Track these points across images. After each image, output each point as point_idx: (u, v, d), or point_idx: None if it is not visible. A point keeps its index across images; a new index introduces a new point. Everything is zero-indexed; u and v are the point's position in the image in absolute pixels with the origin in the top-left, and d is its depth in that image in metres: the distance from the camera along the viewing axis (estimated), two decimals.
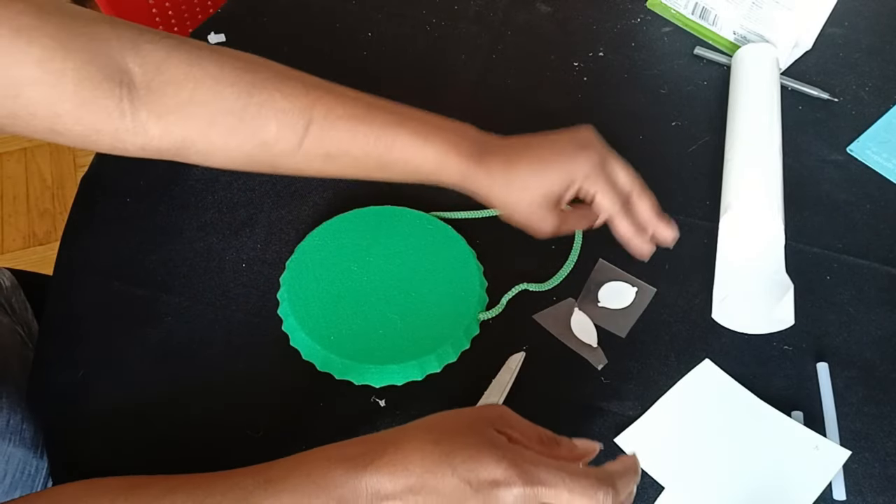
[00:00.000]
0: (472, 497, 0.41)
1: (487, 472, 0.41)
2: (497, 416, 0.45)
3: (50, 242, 1.69)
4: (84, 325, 0.63)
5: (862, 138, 0.75)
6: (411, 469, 0.41)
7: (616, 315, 0.64)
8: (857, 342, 0.63)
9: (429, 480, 0.41)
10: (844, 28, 0.84)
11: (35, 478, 0.63)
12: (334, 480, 0.42)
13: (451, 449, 0.42)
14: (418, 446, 0.42)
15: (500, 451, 0.41)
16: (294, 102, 0.52)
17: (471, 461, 0.41)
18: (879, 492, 0.56)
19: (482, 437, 0.42)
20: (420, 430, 0.44)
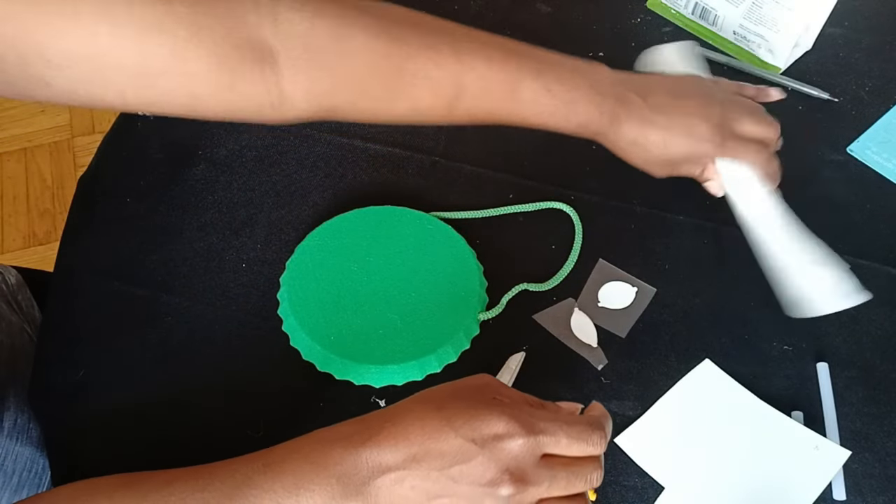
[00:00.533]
0: (478, 454, 0.41)
1: (490, 428, 0.41)
2: (484, 384, 0.45)
3: (50, 242, 1.69)
4: (84, 325, 0.63)
5: (862, 138, 0.75)
6: (412, 439, 0.41)
7: (616, 315, 0.64)
8: (857, 342, 0.63)
9: (431, 446, 0.41)
10: (844, 28, 0.84)
11: (42, 476, 0.63)
12: (333, 458, 0.42)
13: (450, 413, 0.42)
14: (417, 416, 0.42)
15: (498, 407, 0.42)
16: (446, 70, 0.53)
17: (472, 420, 0.42)
18: (879, 492, 0.56)
19: (478, 399, 0.43)
20: (415, 402, 0.44)
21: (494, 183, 0.71)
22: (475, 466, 0.41)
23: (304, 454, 0.43)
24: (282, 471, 0.42)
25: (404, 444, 0.41)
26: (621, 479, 0.57)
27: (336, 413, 0.59)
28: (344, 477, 0.41)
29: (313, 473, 0.42)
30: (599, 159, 0.73)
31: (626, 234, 0.68)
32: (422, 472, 0.41)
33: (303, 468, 0.42)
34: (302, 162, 0.72)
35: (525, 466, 0.41)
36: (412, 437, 0.42)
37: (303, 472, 0.42)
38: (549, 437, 0.42)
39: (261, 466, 0.43)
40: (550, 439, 0.42)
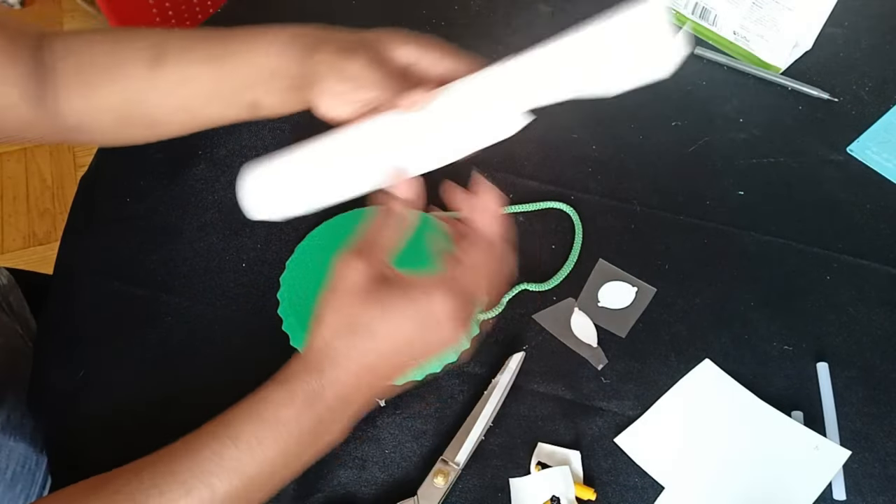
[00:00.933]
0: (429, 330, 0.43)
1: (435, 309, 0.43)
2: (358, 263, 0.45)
3: (50, 242, 1.69)
4: (84, 325, 0.63)
5: (862, 138, 0.75)
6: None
7: (616, 315, 0.64)
8: (857, 342, 0.63)
9: (380, 350, 0.43)
10: (844, 28, 0.84)
11: (35, 472, 0.63)
12: (296, 396, 0.43)
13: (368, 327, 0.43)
14: (343, 351, 0.43)
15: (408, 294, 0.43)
16: (148, 38, 0.55)
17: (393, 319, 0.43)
18: (879, 492, 0.56)
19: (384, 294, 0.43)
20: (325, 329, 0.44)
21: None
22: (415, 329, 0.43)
23: (265, 418, 0.43)
24: (255, 441, 0.43)
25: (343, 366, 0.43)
26: (621, 478, 0.57)
27: None
28: (309, 403, 0.43)
29: (289, 428, 0.43)
30: (599, 159, 0.74)
31: (626, 234, 0.68)
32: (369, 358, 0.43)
33: (276, 430, 0.43)
34: None
35: (461, 309, 0.43)
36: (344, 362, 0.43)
37: (277, 433, 0.43)
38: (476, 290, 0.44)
39: (229, 442, 0.43)
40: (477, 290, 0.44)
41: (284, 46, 0.54)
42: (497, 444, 0.58)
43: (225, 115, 0.56)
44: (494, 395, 0.58)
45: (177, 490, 0.42)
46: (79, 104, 0.55)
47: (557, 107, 0.78)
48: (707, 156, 0.74)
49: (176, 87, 0.55)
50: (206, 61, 0.55)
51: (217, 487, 0.42)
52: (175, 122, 0.57)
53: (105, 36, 0.56)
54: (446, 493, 0.55)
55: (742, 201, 0.71)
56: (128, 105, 0.55)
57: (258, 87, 0.55)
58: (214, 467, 0.42)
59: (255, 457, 0.43)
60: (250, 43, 0.55)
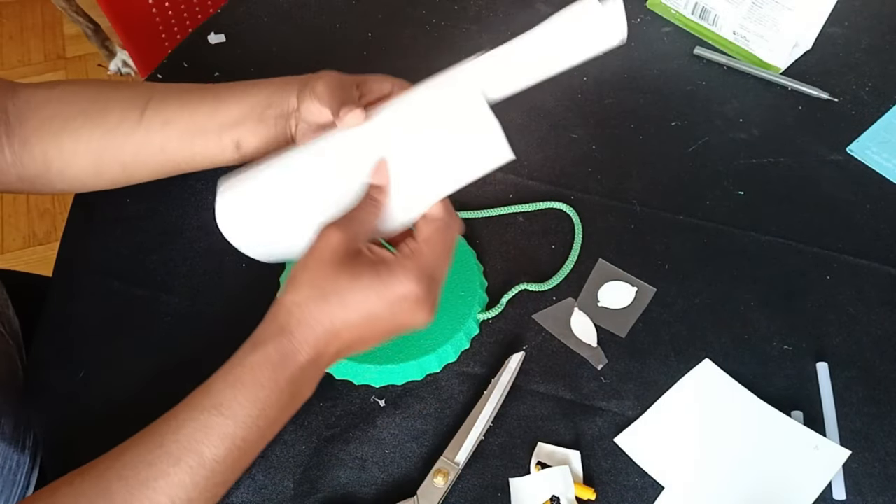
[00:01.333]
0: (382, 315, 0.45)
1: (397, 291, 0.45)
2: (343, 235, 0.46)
3: (50, 242, 1.69)
4: (84, 325, 0.63)
5: (862, 138, 0.75)
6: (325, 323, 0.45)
7: (616, 315, 0.64)
8: (857, 342, 0.63)
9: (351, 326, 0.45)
10: (844, 28, 0.84)
11: (17, 472, 0.63)
12: (271, 372, 0.45)
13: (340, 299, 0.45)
14: (315, 314, 0.45)
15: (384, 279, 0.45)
16: (136, 90, 0.58)
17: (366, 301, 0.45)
18: (879, 492, 0.56)
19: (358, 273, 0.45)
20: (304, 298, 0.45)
21: (494, 183, 0.71)
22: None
23: (244, 382, 0.45)
24: (237, 406, 0.44)
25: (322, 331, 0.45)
26: (621, 479, 0.57)
27: (336, 413, 0.59)
28: (283, 367, 0.45)
29: (268, 390, 0.45)
30: (599, 159, 0.74)
31: (626, 234, 0.69)
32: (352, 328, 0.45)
33: (256, 393, 0.44)
34: None
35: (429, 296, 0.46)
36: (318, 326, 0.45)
37: (257, 396, 0.44)
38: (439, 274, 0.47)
39: (213, 410, 0.44)
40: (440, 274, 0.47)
41: (278, 86, 0.57)
42: (497, 444, 0.58)
43: (206, 154, 0.58)
44: (494, 395, 0.58)
45: (165, 460, 0.44)
46: (49, 149, 0.57)
47: (556, 107, 0.78)
48: (707, 156, 0.74)
49: (159, 128, 0.57)
50: (200, 101, 0.57)
51: (205, 454, 0.44)
52: (151, 164, 0.59)
53: (86, 85, 0.58)
54: (446, 493, 0.55)
55: (742, 201, 0.71)
56: (105, 148, 0.57)
57: (250, 121, 0.56)
58: (201, 436, 0.44)
59: (239, 421, 0.44)
60: (245, 85, 0.58)
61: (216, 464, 0.44)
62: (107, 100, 0.57)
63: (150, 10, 1.21)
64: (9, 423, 0.63)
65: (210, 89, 0.58)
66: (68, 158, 0.57)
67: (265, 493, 0.56)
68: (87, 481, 0.45)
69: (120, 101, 0.57)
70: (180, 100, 0.57)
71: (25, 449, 0.65)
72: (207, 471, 0.44)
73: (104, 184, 0.60)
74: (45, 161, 0.57)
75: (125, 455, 0.45)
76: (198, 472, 0.44)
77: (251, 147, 0.58)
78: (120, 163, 0.58)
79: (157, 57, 1.26)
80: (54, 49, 2.05)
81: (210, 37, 0.82)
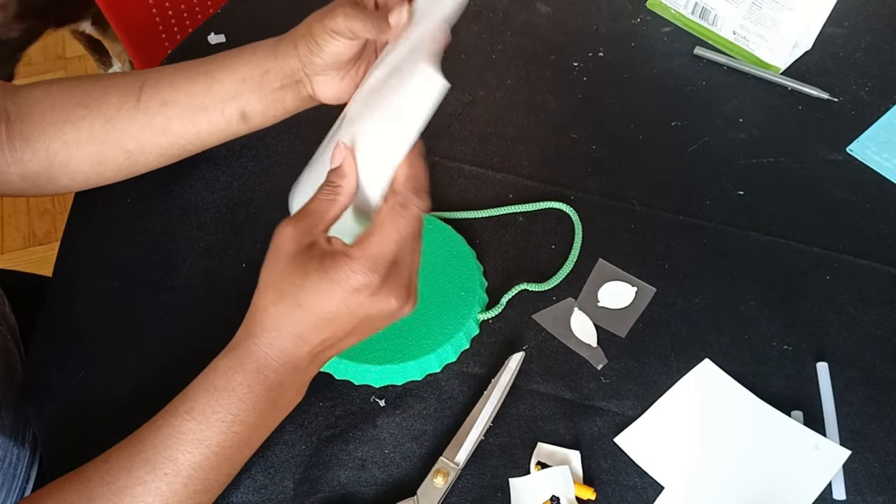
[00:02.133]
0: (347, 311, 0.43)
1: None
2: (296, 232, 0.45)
3: (50, 242, 1.69)
4: (84, 325, 0.63)
5: (862, 138, 0.75)
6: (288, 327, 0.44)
7: (616, 315, 0.64)
8: (857, 342, 0.63)
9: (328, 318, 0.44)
10: (844, 28, 0.84)
11: (17, 466, 0.63)
12: (244, 377, 0.44)
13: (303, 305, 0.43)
14: (280, 311, 0.44)
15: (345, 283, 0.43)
16: (129, 76, 0.57)
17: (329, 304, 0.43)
18: (879, 492, 0.56)
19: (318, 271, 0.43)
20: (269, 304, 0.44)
21: (494, 183, 0.71)
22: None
23: (217, 387, 0.45)
24: (210, 411, 0.44)
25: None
26: (621, 478, 0.57)
27: (336, 413, 0.59)
28: (260, 373, 0.44)
29: (240, 393, 0.44)
30: (599, 159, 0.74)
31: (626, 234, 0.69)
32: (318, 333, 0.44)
33: (228, 397, 0.44)
34: (301, 162, 0.72)
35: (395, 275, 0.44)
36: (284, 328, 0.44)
37: (230, 401, 0.44)
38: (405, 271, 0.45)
39: (186, 416, 0.44)
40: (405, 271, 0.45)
41: (272, 47, 0.55)
42: (497, 444, 0.58)
43: (211, 130, 0.58)
44: (494, 395, 0.58)
45: (142, 467, 0.44)
46: (51, 142, 0.56)
47: (556, 107, 0.78)
48: (707, 156, 0.74)
49: (158, 109, 0.57)
50: (193, 80, 0.56)
51: (180, 460, 0.43)
52: (156, 148, 0.58)
53: (82, 79, 0.58)
54: (446, 493, 0.55)
55: (742, 201, 0.71)
56: (108, 135, 0.57)
57: (249, 92, 0.56)
58: (174, 442, 0.44)
59: (212, 426, 0.44)
60: (235, 55, 0.56)
61: (192, 470, 0.44)
62: (103, 89, 0.57)
63: (150, 10, 1.21)
64: (8, 417, 0.63)
65: (201, 65, 0.57)
66: (72, 150, 0.57)
67: (265, 493, 0.56)
68: (74, 485, 0.45)
69: (116, 88, 0.57)
70: (173, 80, 0.57)
71: (25, 443, 0.65)
72: (184, 477, 0.44)
73: (109, 174, 0.60)
74: (47, 155, 0.57)
75: (110, 460, 0.45)
76: (174, 480, 0.43)
77: (258, 115, 0.57)
78: (124, 150, 0.58)
79: (157, 57, 1.26)
80: (54, 49, 2.05)
81: (210, 37, 0.82)
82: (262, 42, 0.57)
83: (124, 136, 0.57)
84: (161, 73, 0.58)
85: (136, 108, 0.56)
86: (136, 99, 0.56)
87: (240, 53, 0.57)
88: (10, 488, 0.63)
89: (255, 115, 0.57)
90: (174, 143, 0.58)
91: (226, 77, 0.56)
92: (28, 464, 0.65)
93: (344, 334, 0.45)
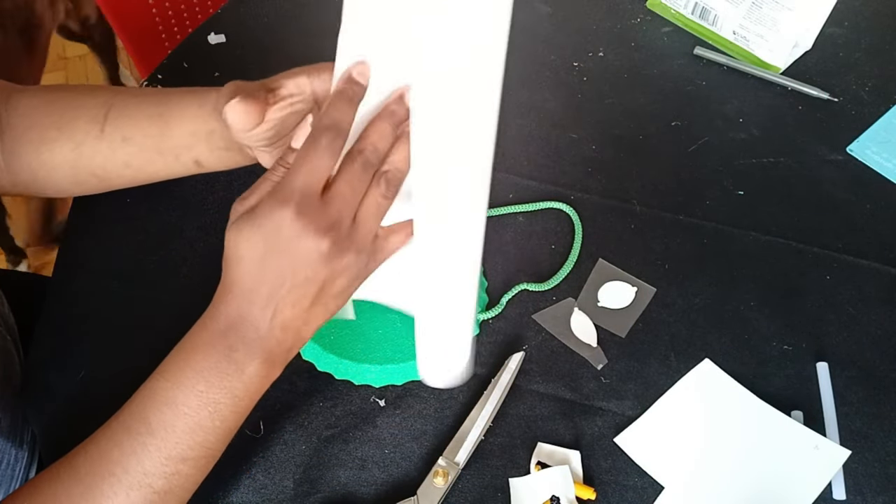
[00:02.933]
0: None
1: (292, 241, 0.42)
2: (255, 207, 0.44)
3: None
4: (84, 325, 0.63)
5: (862, 138, 0.75)
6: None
7: (616, 315, 0.64)
8: (857, 342, 0.63)
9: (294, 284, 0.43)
10: (844, 28, 0.84)
11: (15, 467, 0.63)
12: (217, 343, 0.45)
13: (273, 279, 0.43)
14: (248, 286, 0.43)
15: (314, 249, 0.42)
16: (98, 97, 0.57)
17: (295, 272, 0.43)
18: (879, 492, 0.56)
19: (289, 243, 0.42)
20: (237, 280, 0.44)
21: (494, 183, 0.71)
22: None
23: (185, 347, 0.45)
24: (176, 369, 0.45)
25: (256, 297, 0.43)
26: (621, 478, 0.57)
27: (336, 413, 0.59)
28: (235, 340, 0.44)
29: (201, 352, 0.45)
30: (599, 159, 0.74)
31: (626, 234, 0.69)
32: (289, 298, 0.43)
33: (192, 355, 0.45)
34: None
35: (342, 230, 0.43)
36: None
37: (195, 359, 0.45)
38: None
39: (157, 374, 0.46)
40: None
41: (214, 107, 0.53)
42: (497, 444, 0.58)
43: (171, 171, 0.58)
44: (494, 395, 0.58)
45: (120, 433, 0.45)
46: (31, 160, 0.57)
47: (557, 107, 0.78)
48: (707, 156, 0.74)
49: (120, 145, 0.56)
50: (148, 120, 0.56)
51: (151, 420, 0.44)
52: (123, 176, 0.59)
53: (63, 93, 0.58)
54: (446, 493, 0.55)
55: (742, 201, 0.71)
56: (78, 161, 0.57)
57: (199, 146, 0.56)
58: (148, 402, 0.45)
59: (179, 384, 0.45)
60: (185, 105, 0.55)
61: (164, 430, 0.44)
62: (74, 111, 0.57)
63: (150, 10, 1.21)
64: (6, 418, 0.63)
65: (156, 104, 0.56)
66: (48, 169, 0.57)
67: (265, 493, 0.56)
68: (62, 464, 0.46)
69: (85, 111, 0.57)
70: (132, 115, 0.56)
71: (23, 444, 0.65)
72: (157, 439, 0.44)
73: (87, 191, 0.60)
74: (30, 171, 0.57)
75: (96, 434, 0.46)
76: (147, 441, 0.44)
77: (212, 165, 0.57)
78: (93, 175, 0.58)
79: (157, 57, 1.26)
80: (54, 49, 2.04)
81: (210, 37, 0.82)
82: (208, 94, 0.54)
83: (92, 163, 0.57)
84: (125, 101, 0.57)
85: (100, 139, 0.56)
86: (100, 129, 0.56)
87: (191, 100, 0.55)
88: (8, 489, 0.63)
89: (210, 165, 0.57)
90: (138, 175, 0.58)
91: (177, 126, 0.55)
92: (26, 465, 0.65)
93: (288, 288, 0.43)
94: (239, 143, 0.52)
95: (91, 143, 0.56)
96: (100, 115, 0.56)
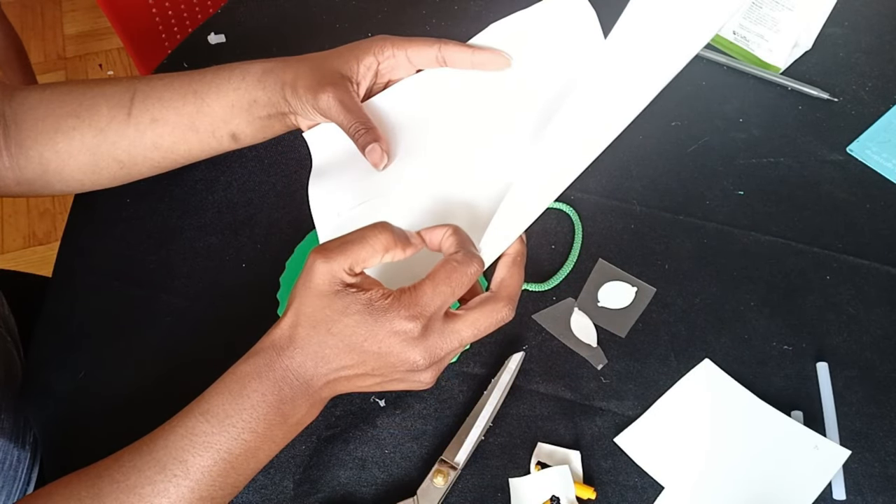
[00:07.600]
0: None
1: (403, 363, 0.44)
2: (328, 270, 0.44)
3: (50, 242, 1.69)
4: (84, 325, 0.63)
5: (862, 138, 0.75)
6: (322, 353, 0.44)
7: (616, 315, 0.64)
8: (857, 342, 0.63)
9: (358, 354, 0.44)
10: (844, 28, 0.84)
11: (17, 468, 0.63)
12: (261, 385, 0.44)
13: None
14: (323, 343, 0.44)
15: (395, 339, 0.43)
16: (119, 84, 0.57)
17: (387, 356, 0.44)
18: (879, 492, 0.56)
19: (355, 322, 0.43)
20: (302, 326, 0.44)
21: None
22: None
23: (232, 391, 0.44)
24: (223, 414, 0.44)
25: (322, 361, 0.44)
26: (621, 478, 0.57)
27: (336, 413, 0.59)
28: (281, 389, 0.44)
29: (253, 400, 0.44)
30: (599, 159, 0.74)
31: (626, 234, 0.69)
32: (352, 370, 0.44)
33: (241, 402, 0.44)
34: (302, 162, 0.72)
35: (438, 352, 0.44)
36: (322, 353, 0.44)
37: (242, 406, 0.44)
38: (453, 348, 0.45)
39: (200, 417, 0.44)
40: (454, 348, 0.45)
41: (259, 78, 0.56)
42: (497, 444, 0.58)
43: (203, 148, 0.58)
44: (494, 395, 0.58)
45: (153, 467, 0.43)
46: (44, 150, 0.57)
47: None
48: (707, 156, 0.74)
49: (149, 126, 0.57)
50: (182, 99, 0.57)
51: (190, 463, 0.43)
52: (149, 160, 0.59)
53: (75, 85, 0.58)
54: (446, 493, 0.55)
55: (742, 201, 0.71)
56: (100, 146, 0.57)
57: (238, 118, 0.57)
58: (186, 443, 0.44)
59: (224, 430, 0.44)
60: (225, 78, 0.57)
61: (201, 474, 0.43)
62: (93, 98, 0.57)
63: (150, 10, 1.21)
64: (9, 419, 0.63)
65: (189, 83, 0.57)
66: (64, 159, 0.57)
67: (265, 493, 0.56)
68: (82, 482, 0.45)
69: (106, 98, 0.57)
70: (162, 97, 0.57)
71: (26, 445, 0.65)
72: (192, 481, 0.43)
73: (104, 181, 0.60)
74: (41, 162, 0.57)
75: (122, 459, 0.45)
76: (182, 482, 0.43)
77: (248, 138, 0.58)
78: (116, 160, 0.58)
79: (157, 57, 1.26)
80: (54, 49, 2.05)
81: (210, 37, 0.82)
82: (250, 66, 0.57)
83: (116, 148, 0.57)
84: (151, 86, 0.58)
85: (126, 123, 0.57)
86: (126, 112, 0.56)
87: (229, 76, 0.57)
88: (10, 490, 0.63)
89: (246, 138, 0.58)
90: (166, 158, 0.59)
91: (215, 101, 0.56)
92: (28, 466, 0.65)
93: (363, 370, 0.44)
94: (285, 110, 0.55)
95: (116, 127, 0.57)
96: (125, 100, 0.57)
